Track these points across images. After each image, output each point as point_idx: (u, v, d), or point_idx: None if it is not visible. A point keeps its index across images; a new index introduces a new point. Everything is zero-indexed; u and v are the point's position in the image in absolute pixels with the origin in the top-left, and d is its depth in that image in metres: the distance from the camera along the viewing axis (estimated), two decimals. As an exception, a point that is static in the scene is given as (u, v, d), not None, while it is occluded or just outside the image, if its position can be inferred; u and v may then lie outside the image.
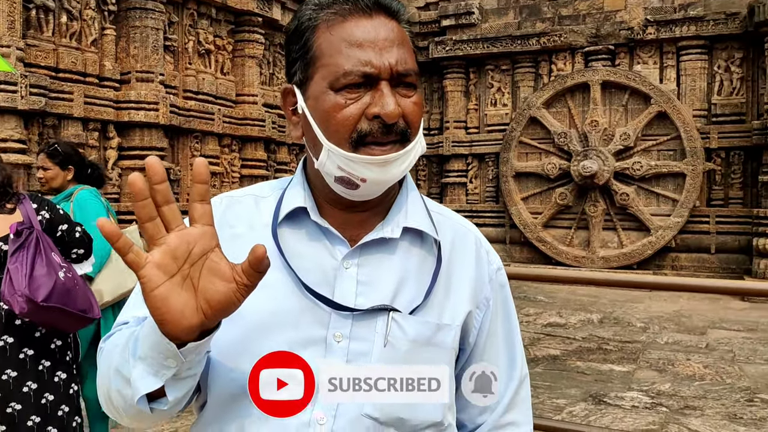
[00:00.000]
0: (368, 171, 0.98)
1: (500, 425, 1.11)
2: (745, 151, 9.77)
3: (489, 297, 1.10)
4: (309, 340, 1.00)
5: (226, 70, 8.90)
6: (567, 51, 10.79)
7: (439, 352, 1.03)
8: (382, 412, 0.99)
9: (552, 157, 10.65)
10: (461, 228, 1.12)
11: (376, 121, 0.97)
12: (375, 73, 0.96)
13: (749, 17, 9.40)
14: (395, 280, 1.03)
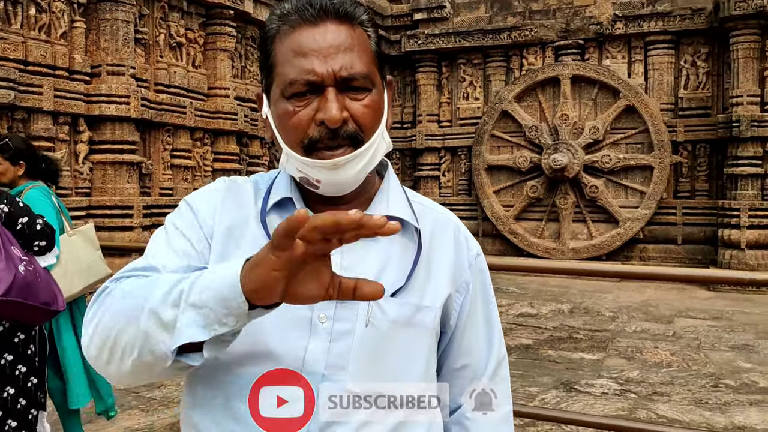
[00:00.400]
0: (320, 173, 1.04)
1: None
2: (710, 144, 10.00)
3: (468, 281, 1.16)
4: (294, 321, 1.04)
5: (198, 63, 8.84)
6: (538, 45, 10.92)
7: (418, 333, 1.09)
8: (363, 389, 1.04)
9: (523, 151, 10.79)
10: (441, 216, 1.18)
11: (323, 127, 1.01)
12: (318, 80, 1.01)
13: (714, 13, 9.60)
14: (377, 266, 1.09)
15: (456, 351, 1.16)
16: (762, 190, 9.35)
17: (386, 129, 1.10)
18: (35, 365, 2.91)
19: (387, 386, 1.07)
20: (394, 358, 1.07)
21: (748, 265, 9.13)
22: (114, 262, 7.15)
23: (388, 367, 1.07)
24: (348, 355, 1.05)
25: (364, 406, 1.06)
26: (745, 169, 9.32)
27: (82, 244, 3.69)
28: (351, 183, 1.07)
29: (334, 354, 1.05)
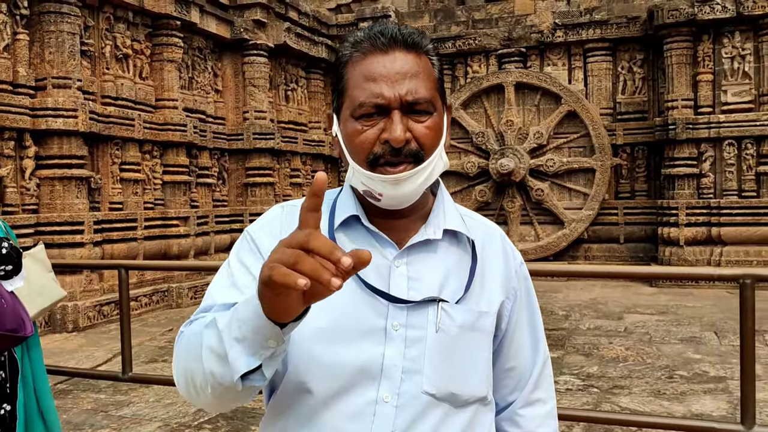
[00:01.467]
0: (382, 187, 1.13)
1: (529, 402, 1.27)
2: (648, 147, 10.45)
3: (516, 288, 1.26)
4: (371, 329, 1.14)
5: (145, 74, 8.71)
6: (481, 54, 11.19)
7: (480, 337, 1.19)
8: (438, 389, 1.14)
9: (471, 156, 11.02)
10: (488, 229, 1.28)
11: (387, 145, 1.11)
12: (385, 103, 1.11)
13: (649, 21, 10.05)
14: (439, 276, 1.18)
15: (506, 353, 1.26)
16: (698, 189, 9.82)
17: (444, 149, 1.18)
18: (6, 392, 2.84)
19: (458, 387, 1.16)
20: (462, 360, 1.17)
21: (687, 261, 9.58)
22: (65, 280, 7.00)
23: (457, 369, 1.16)
24: (422, 359, 1.14)
25: (440, 406, 1.15)
26: (681, 169, 9.77)
27: (33, 266, 3.57)
28: (410, 197, 1.15)
29: (409, 359, 1.14)
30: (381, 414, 1.13)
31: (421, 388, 1.14)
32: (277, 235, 1.22)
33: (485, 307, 1.20)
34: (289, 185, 11.23)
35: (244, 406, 4.50)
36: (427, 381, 1.14)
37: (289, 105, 11.36)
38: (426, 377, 1.14)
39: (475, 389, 1.18)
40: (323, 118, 12.15)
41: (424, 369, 1.14)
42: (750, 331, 2.63)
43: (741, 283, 2.60)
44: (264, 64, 10.43)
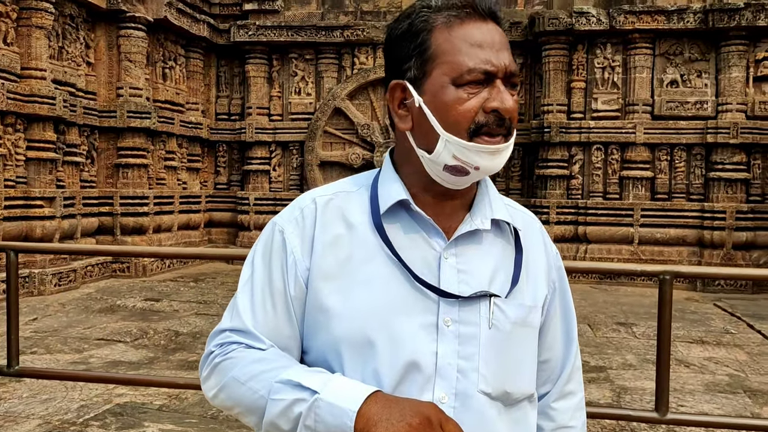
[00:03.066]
0: (481, 159, 1.08)
1: (563, 394, 1.26)
2: (523, 148, 10.94)
3: (555, 280, 1.24)
4: (421, 326, 1.08)
5: (11, 40, 7.92)
6: (369, 45, 11.19)
7: (531, 332, 1.16)
8: (493, 388, 1.10)
9: (356, 147, 11.02)
10: (528, 218, 1.25)
11: (493, 115, 1.07)
12: (494, 71, 1.07)
13: (530, 27, 10.51)
14: (488, 268, 1.14)
15: (542, 346, 1.22)
16: (567, 189, 10.41)
17: None
18: None
19: (512, 385, 1.12)
20: (515, 357, 1.13)
21: (556, 258, 10.12)
22: None
23: (511, 367, 1.12)
24: (477, 357, 1.09)
25: (493, 405, 1.10)
26: (553, 170, 10.32)
27: None
28: (495, 170, 1.12)
29: (463, 357, 1.09)
30: None
31: (477, 387, 1.09)
32: (308, 238, 1.14)
33: (532, 301, 1.17)
34: (163, 168, 10.67)
35: (133, 401, 4.21)
36: (482, 380, 1.09)
37: (166, 83, 10.79)
38: (482, 376, 1.09)
39: (527, 387, 1.16)
40: (201, 100, 11.65)
41: (479, 367, 1.09)
42: (667, 324, 2.78)
43: (661, 278, 2.75)
44: (142, 39, 9.82)
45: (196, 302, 7.54)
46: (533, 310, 1.16)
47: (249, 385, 1.06)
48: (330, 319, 1.09)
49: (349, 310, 1.08)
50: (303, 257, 1.13)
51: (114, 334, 5.92)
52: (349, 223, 1.14)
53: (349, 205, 1.16)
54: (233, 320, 1.14)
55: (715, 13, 9.53)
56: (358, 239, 1.13)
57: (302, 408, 0.98)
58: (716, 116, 9.86)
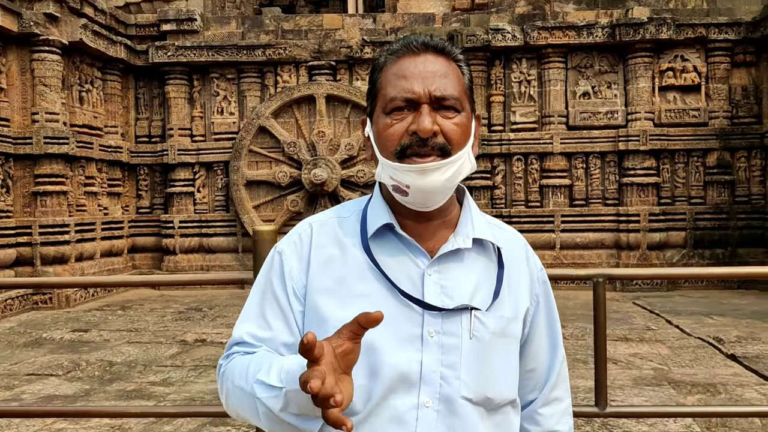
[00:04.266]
0: (409, 178, 1.18)
1: (549, 401, 1.35)
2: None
3: (538, 293, 1.34)
4: (407, 337, 1.19)
5: None
6: (292, 64, 11.23)
7: (510, 342, 1.26)
8: (474, 394, 1.20)
9: (282, 166, 11.00)
10: (512, 236, 1.35)
11: (415, 136, 1.17)
12: (415, 98, 1.18)
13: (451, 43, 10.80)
14: (470, 284, 1.24)
15: (526, 356, 1.32)
16: (491, 199, 10.73)
17: (472, 153, 1.23)
18: None
19: (493, 391, 1.21)
20: (495, 365, 1.23)
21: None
22: None
23: (491, 374, 1.22)
24: (459, 365, 1.19)
25: (476, 410, 1.19)
26: (477, 182, 10.63)
27: None
28: (438, 192, 1.20)
29: (446, 365, 1.19)
30: (424, 418, 1.18)
31: (459, 393, 1.18)
32: (305, 258, 1.26)
33: (513, 314, 1.26)
34: (83, 194, 10.34)
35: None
36: (464, 386, 1.19)
37: (83, 107, 10.48)
38: (463, 382, 1.19)
39: (507, 392, 1.24)
40: (120, 123, 11.37)
41: (461, 374, 1.19)
42: (602, 323, 2.96)
43: (594, 281, 2.93)
44: (57, 62, 9.53)
45: (126, 330, 7.34)
46: (513, 321, 1.26)
47: (241, 387, 1.17)
48: (328, 329, 1.16)
49: (345, 320, 1.15)
50: (300, 275, 1.25)
51: (44, 368, 5.71)
52: (343, 245, 1.26)
53: (342, 229, 1.28)
54: (235, 333, 1.28)
55: (621, 27, 10.10)
56: (350, 260, 1.24)
57: (279, 403, 1.08)
58: (626, 125, 10.43)
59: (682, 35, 10.24)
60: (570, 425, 1.37)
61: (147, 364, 5.83)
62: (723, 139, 10.32)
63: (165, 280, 6.64)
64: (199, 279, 4.68)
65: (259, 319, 1.26)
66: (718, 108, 10.40)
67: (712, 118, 10.42)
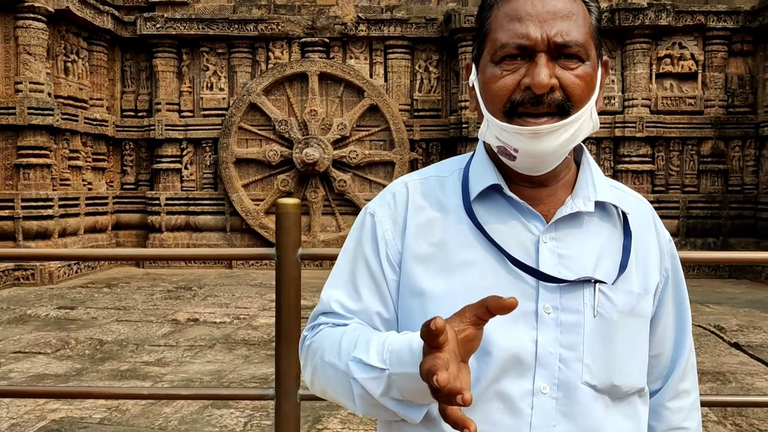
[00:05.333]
0: (519, 141, 1.01)
1: (677, 393, 1.18)
2: (441, 143, 11.06)
3: (668, 267, 1.16)
4: (520, 313, 1.01)
5: None
6: (284, 40, 10.97)
7: (640, 321, 1.09)
8: (599, 380, 1.03)
9: (273, 144, 10.77)
10: (637, 201, 1.17)
11: (528, 92, 1.00)
12: (530, 44, 1.00)
13: (445, 24, 10.63)
14: (593, 253, 1.07)
15: (652, 339, 1.15)
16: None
17: (596, 108, 1.07)
18: None
19: (620, 378, 1.05)
20: (623, 348, 1.06)
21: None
22: None
23: (618, 358, 1.05)
24: (581, 347, 1.03)
25: (600, 399, 1.04)
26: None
27: None
28: (550, 157, 1.03)
29: (566, 346, 1.03)
30: (540, 407, 1.02)
31: (581, 379, 1.02)
32: (400, 221, 1.11)
33: (642, 289, 1.09)
34: (67, 168, 10.04)
35: (70, 416, 3.90)
36: (587, 371, 1.02)
37: (69, 78, 10.15)
38: (586, 367, 1.03)
39: (636, 380, 1.08)
40: (106, 96, 11.05)
41: (583, 357, 1.02)
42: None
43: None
44: (42, 30, 9.19)
45: (114, 309, 7.13)
46: (643, 298, 1.08)
47: (333, 364, 1.03)
48: (425, 302, 1.05)
49: (446, 293, 1.04)
50: (395, 239, 1.10)
51: (31, 346, 5.49)
52: (443, 206, 1.10)
53: (442, 190, 1.12)
54: (323, 299, 1.14)
55: (621, 12, 9.99)
56: (451, 223, 1.08)
57: (381, 386, 0.95)
58: (623, 111, 10.35)
59: (680, 22, 10.15)
60: (698, 421, 1.20)
61: (139, 344, 5.64)
62: (718, 128, 10.29)
63: (181, 254, 6.42)
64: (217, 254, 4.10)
65: (348, 287, 1.11)
66: (714, 97, 10.36)
67: (707, 106, 10.38)
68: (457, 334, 0.85)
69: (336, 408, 3.98)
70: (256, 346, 5.53)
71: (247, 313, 6.82)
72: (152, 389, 4.07)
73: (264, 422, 3.76)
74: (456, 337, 0.85)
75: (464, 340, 0.86)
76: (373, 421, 3.82)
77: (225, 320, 6.52)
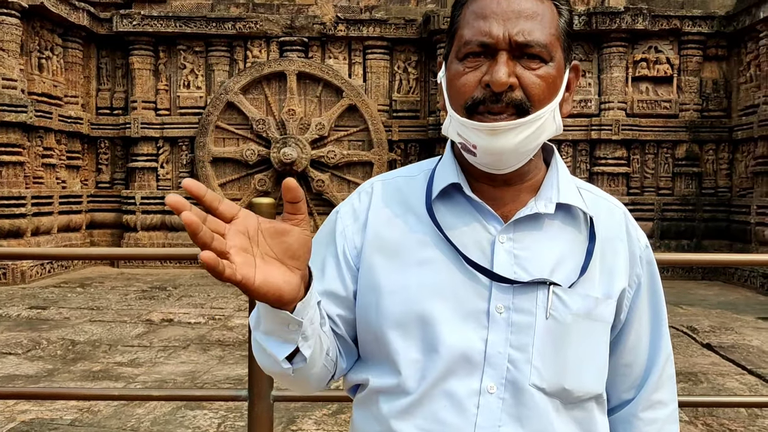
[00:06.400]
0: (478, 138, 1.02)
1: (650, 404, 1.15)
2: (420, 144, 11.07)
3: (640, 274, 1.14)
4: (471, 312, 1.03)
5: None
6: (262, 39, 10.91)
7: (597, 326, 1.07)
8: (548, 383, 1.03)
9: (251, 144, 10.71)
10: (609, 205, 1.16)
11: (488, 90, 1.01)
12: (491, 42, 1.00)
13: (424, 25, 10.64)
14: (551, 255, 1.06)
15: (623, 347, 1.14)
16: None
17: (560, 112, 1.07)
18: None
19: (571, 382, 1.04)
20: (576, 352, 1.05)
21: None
22: None
23: (570, 362, 1.04)
24: (530, 349, 1.02)
25: (550, 402, 1.03)
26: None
27: None
28: (510, 155, 1.03)
29: (515, 347, 1.03)
30: (486, 406, 1.01)
31: (529, 381, 1.02)
32: (362, 217, 1.13)
33: (604, 294, 1.07)
34: (41, 166, 9.89)
35: (40, 416, 3.84)
36: (536, 373, 1.02)
37: (42, 75, 10.00)
38: (535, 368, 1.02)
39: (591, 386, 1.07)
40: (81, 93, 10.91)
41: (532, 359, 1.02)
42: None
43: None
44: (15, 26, 9.06)
45: (87, 309, 7.04)
46: (603, 302, 1.06)
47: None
48: (381, 297, 1.06)
49: (401, 289, 1.05)
50: (354, 235, 1.12)
51: (2, 346, 5.39)
52: (406, 205, 1.11)
53: (409, 189, 1.13)
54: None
55: (598, 15, 10.07)
56: (412, 222, 1.09)
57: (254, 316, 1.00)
58: (599, 114, 10.43)
59: (656, 26, 10.27)
60: None
61: (112, 344, 5.57)
62: (692, 132, 10.42)
63: (157, 254, 6.32)
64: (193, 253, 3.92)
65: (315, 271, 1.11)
66: (689, 100, 10.49)
67: (682, 110, 10.51)
68: (260, 223, 0.87)
69: (310, 409, 3.96)
70: (230, 347, 5.49)
71: (222, 314, 6.77)
72: (125, 390, 4.02)
73: (238, 423, 3.73)
74: (258, 226, 0.87)
75: (271, 233, 0.87)
76: (347, 422, 3.81)
77: (200, 321, 6.47)
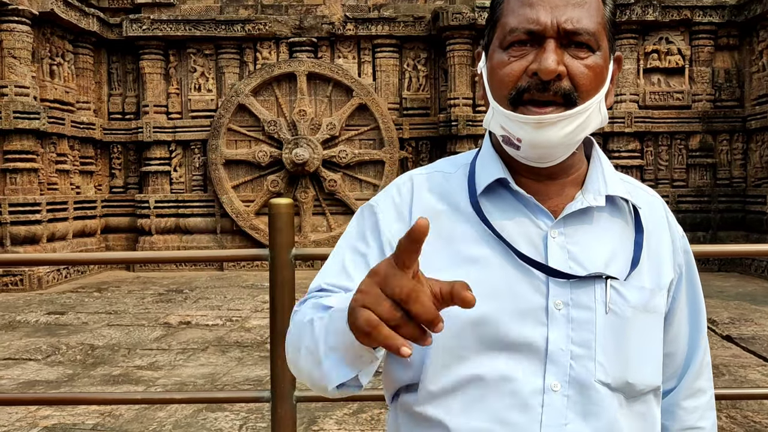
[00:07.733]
0: (522, 131, 1.00)
1: (692, 392, 1.15)
2: (431, 141, 11.05)
3: (681, 264, 1.13)
4: (529, 309, 1.00)
5: None
6: (272, 40, 10.92)
7: (653, 318, 1.06)
8: (613, 378, 1.01)
9: (262, 145, 10.73)
10: (649, 196, 1.15)
11: (535, 78, 0.98)
12: (539, 30, 0.98)
13: (433, 22, 10.62)
14: (603, 249, 1.05)
15: (666, 337, 1.12)
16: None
17: (605, 103, 1.05)
18: None
19: (634, 375, 1.03)
20: (637, 345, 1.04)
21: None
22: None
23: (632, 356, 1.03)
24: (593, 344, 1.01)
25: (614, 397, 1.02)
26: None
27: None
28: (556, 149, 1.01)
29: (577, 343, 1.01)
30: (551, 404, 0.99)
31: (594, 377, 1.00)
32: (405, 211, 1.08)
33: (655, 285, 1.07)
34: (55, 172, 9.96)
35: (62, 422, 3.87)
36: (600, 368, 1.00)
37: (54, 81, 10.07)
38: (599, 364, 1.00)
39: (651, 378, 1.06)
40: (93, 99, 10.98)
41: (596, 355, 1.00)
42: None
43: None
44: (27, 33, 9.11)
45: (105, 313, 7.07)
46: (656, 294, 1.06)
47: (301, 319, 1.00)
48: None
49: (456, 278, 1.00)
50: (398, 223, 1.07)
51: (22, 352, 5.44)
52: (449, 201, 1.08)
53: (448, 185, 1.10)
54: (314, 282, 1.10)
55: (607, 8, 9.99)
56: (458, 219, 1.06)
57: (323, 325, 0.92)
58: (611, 107, 10.33)
59: (667, 17, 10.19)
60: (713, 420, 1.17)
61: (131, 348, 5.59)
62: (706, 122, 10.34)
63: (174, 257, 6.34)
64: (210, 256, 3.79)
65: (341, 272, 1.07)
66: (702, 91, 10.41)
67: (695, 101, 10.42)
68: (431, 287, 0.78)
69: (331, 408, 3.96)
70: (249, 348, 5.50)
71: (239, 315, 6.78)
72: (145, 394, 4.04)
73: (259, 424, 3.74)
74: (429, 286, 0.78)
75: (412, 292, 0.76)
76: (368, 421, 3.81)
77: (217, 322, 6.48)
